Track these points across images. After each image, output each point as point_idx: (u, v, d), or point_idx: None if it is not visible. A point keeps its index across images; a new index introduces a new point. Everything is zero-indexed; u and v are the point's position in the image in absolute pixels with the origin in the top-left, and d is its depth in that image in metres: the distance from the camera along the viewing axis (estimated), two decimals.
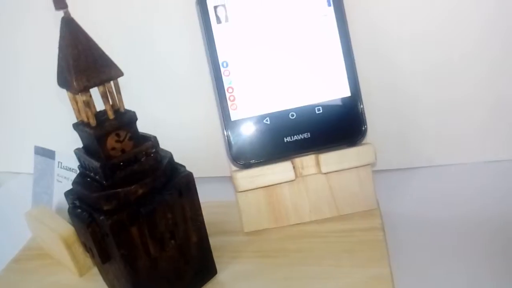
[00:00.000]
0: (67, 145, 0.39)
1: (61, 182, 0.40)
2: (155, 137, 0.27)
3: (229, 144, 0.35)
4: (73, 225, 0.29)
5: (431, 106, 0.40)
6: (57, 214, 0.37)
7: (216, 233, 0.35)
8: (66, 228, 0.34)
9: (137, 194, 0.26)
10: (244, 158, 0.35)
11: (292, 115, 0.35)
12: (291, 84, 0.34)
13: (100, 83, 0.25)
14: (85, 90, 0.24)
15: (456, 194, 0.39)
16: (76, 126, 0.26)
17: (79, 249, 0.34)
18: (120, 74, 0.25)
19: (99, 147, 0.25)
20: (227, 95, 0.34)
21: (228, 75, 0.34)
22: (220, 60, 0.34)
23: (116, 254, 0.26)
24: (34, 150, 0.42)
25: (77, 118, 0.27)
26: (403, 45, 0.38)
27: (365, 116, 0.34)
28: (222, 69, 0.34)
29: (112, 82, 0.25)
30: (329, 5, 0.34)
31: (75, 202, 0.27)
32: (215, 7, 0.34)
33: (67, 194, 0.28)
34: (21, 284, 0.36)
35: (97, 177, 0.26)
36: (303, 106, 0.34)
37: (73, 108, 0.26)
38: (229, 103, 0.35)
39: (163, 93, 0.44)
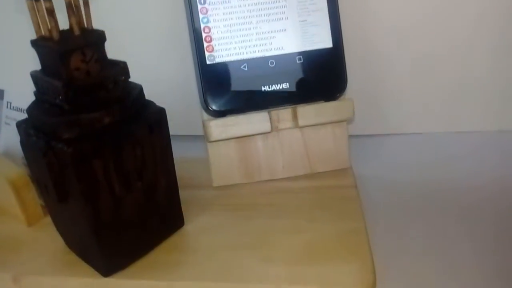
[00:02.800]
0: (17, 84, 0.35)
1: (9, 124, 0.36)
2: (125, 63, 0.25)
3: (202, 90, 0.32)
4: (26, 158, 0.25)
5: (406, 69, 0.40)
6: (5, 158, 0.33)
7: (184, 187, 0.32)
8: (14, 171, 0.31)
9: (103, 123, 0.23)
10: (217, 105, 0.32)
11: (272, 63, 0.33)
12: (272, 29, 0.32)
13: None
14: None
15: (425, 161, 0.39)
16: (35, 42, 0.23)
17: (28, 195, 0.31)
18: None
19: (62, 65, 0.22)
20: (203, 35, 0.32)
21: (205, 13, 0.32)
22: None
23: (76, 190, 0.23)
24: None
25: (36, 34, 0.23)
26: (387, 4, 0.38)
27: (346, 71, 0.33)
28: (199, 6, 0.32)
29: None
30: None
31: (28, 131, 0.24)
32: None
33: (20, 123, 0.25)
34: None
35: (57, 101, 0.23)
36: (284, 54, 0.33)
37: (33, 21, 0.23)
38: (204, 44, 0.32)
39: (137, 39, 0.40)
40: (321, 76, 0.33)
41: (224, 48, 0.32)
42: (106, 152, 0.23)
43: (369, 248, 0.27)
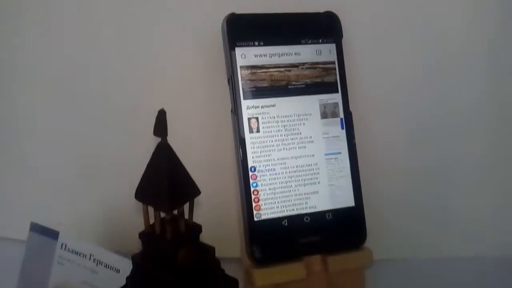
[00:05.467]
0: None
1: (62, 264, 0.39)
2: (213, 248, 0.30)
3: (250, 242, 0.38)
4: None
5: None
6: None
7: None
8: None
9: None
10: (261, 255, 0.38)
11: (307, 219, 0.39)
12: (307, 192, 0.39)
13: (185, 202, 0.27)
14: (174, 209, 0.26)
15: None
16: (145, 236, 0.28)
17: None
18: (198, 193, 0.28)
19: (171, 260, 0.27)
20: (253, 196, 0.38)
21: (255, 179, 0.38)
22: (249, 165, 0.38)
23: None
24: (30, 226, 0.41)
25: (145, 227, 0.28)
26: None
27: (365, 225, 0.40)
28: (250, 173, 0.38)
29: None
30: (342, 128, 0.41)
31: None
32: (249, 119, 0.38)
33: None
34: None
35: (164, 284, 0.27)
36: (316, 212, 0.39)
37: (144, 219, 0.28)
38: (253, 204, 0.38)
39: None
40: (346, 229, 0.40)
41: (268, 207, 0.38)
42: None
43: None
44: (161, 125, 0.25)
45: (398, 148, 0.46)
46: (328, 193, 0.40)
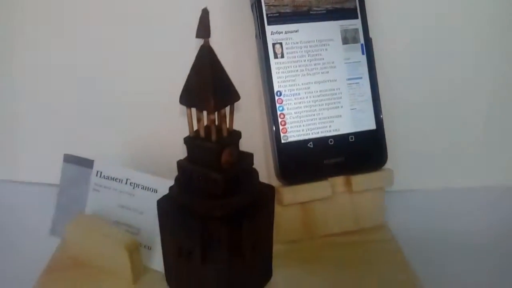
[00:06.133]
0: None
1: (98, 191, 0.40)
2: (252, 155, 0.32)
3: (278, 162, 0.39)
4: (170, 229, 0.31)
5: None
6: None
7: None
8: (127, 236, 0.36)
9: (243, 204, 0.30)
10: (289, 175, 0.40)
11: (331, 141, 0.41)
12: (330, 115, 0.41)
13: (228, 104, 0.28)
14: (218, 110, 0.28)
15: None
16: (190, 140, 0.29)
17: (137, 256, 0.36)
18: (238, 98, 0.29)
19: (216, 160, 0.29)
20: (279, 120, 0.40)
21: (281, 103, 0.40)
22: (275, 89, 0.39)
23: (219, 256, 0.29)
24: (63, 158, 0.42)
25: (190, 132, 0.30)
26: None
27: (386, 147, 0.42)
28: (276, 97, 0.39)
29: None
30: (363, 53, 0.42)
31: (174, 209, 0.30)
32: (273, 44, 0.40)
33: (163, 201, 0.31)
34: None
35: (209, 186, 0.29)
36: (340, 134, 0.41)
37: (188, 123, 0.29)
38: (280, 126, 0.40)
39: None
40: (368, 151, 0.42)
41: (295, 130, 0.40)
42: (244, 227, 0.30)
43: None
44: (204, 26, 0.26)
45: (417, 74, 0.47)
46: (350, 116, 0.41)
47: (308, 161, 0.40)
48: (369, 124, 0.42)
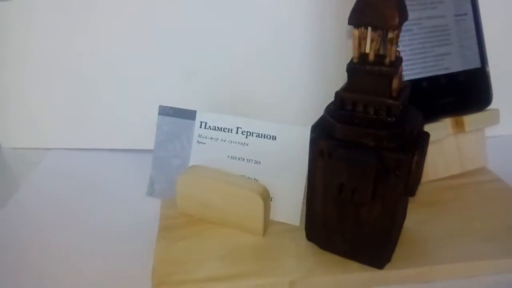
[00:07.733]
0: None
1: (204, 143, 0.37)
2: (410, 85, 0.29)
3: None
4: (329, 167, 0.28)
5: None
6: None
7: None
8: (257, 184, 0.33)
9: (413, 135, 0.27)
10: None
11: (443, 80, 0.39)
12: (441, 53, 0.39)
13: (405, 21, 0.26)
14: (399, 27, 0.25)
15: None
16: (354, 66, 0.27)
17: (269, 206, 0.33)
18: (407, 18, 0.27)
19: (389, 86, 0.26)
20: None
21: None
22: None
23: (388, 192, 0.27)
24: (158, 110, 0.38)
25: (353, 56, 0.27)
26: None
27: (491, 87, 0.41)
28: None
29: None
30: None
31: (335, 144, 0.27)
32: None
33: (318, 138, 0.28)
34: (202, 248, 0.33)
35: (380, 116, 0.27)
36: (450, 73, 0.39)
37: (354, 45, 0.27)
38: None
39: None
40: (475, 90, 0.40)
41: (409, 69, 0.38)
42: (414, 158, 0.28)
43: None
44: None
45: None
46: (459, 54, 0.40)
47: (422, 100, 0.38)
48: (476, 63, 0.41)
